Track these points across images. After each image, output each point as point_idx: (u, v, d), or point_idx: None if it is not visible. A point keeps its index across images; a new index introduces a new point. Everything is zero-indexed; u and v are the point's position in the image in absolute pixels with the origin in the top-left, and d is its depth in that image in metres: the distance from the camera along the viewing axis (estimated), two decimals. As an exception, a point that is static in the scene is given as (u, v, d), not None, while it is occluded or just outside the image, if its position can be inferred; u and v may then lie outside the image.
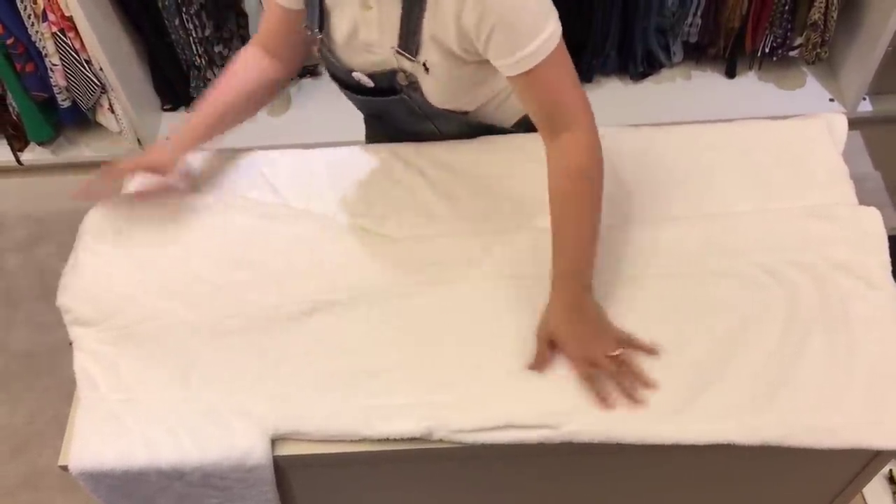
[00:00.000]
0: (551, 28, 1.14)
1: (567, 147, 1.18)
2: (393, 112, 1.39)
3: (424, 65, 1.24)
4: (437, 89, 1.29)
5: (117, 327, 1.24)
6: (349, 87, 1.37)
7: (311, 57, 1.56)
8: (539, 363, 1.17)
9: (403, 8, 1.19)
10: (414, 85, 1.29)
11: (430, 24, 1.19)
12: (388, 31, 1.23)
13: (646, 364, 1.16)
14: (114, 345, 1.22)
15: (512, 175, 1.38)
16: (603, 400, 1.13)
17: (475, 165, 1.40)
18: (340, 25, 1.28)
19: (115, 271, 1.30)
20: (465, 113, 1.37)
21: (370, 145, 1.47)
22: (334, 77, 1.38)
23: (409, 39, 1.21)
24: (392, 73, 1.29)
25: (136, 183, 1.39)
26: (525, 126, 1.43)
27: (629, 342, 1.18)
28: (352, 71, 1.33)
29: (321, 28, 1.29)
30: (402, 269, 1.27)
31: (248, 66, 1.40)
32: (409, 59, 1.24)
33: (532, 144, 1.42)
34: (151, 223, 1.34)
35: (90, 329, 1.24)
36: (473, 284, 1.26)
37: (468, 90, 1.32)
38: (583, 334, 1.17)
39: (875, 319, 1.19)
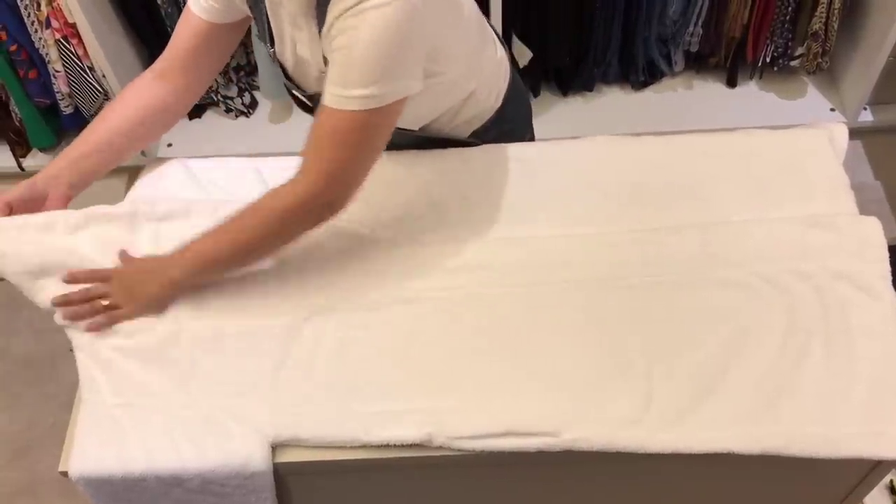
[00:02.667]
0: (378, 90, 1.08)
1: (287, 188, 1.16)
2: None
3: None
4: None
5: (117, 333, 1.24)
6: (296, 101, 1.35)
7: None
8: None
9: (320, 31, 1.14)
10: None
11: (326, 47, 1.14)
12: (316, 55, 1.21)
13: (646, 369, 1.16)
14: (114, 350, 1.22)
15: (512, 183, 1.38)
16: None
17: (474, 173, 1.40)
18: (284, 43, 1.26)
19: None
20: (414, 130, 1.35)
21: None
22: (286, 87, 1.35)
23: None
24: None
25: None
26: (484, 136, 1.43)
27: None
28: (301, 90, 1.31)
29: (272, 43, 1.28)
30: (401, 275, 1.27)
31: (141, 93, 1.35)
32: None
33: (531, 154, 1.43)
34: (150, 229, 1.34)
35: (93, 337, 1.24)
36: (473, 291, 1.26)
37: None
38: (125, 285, 1.23)
39: (875, 329, 1.19)
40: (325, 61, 1.17)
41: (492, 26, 1.45)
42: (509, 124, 1.47)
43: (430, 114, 1.34)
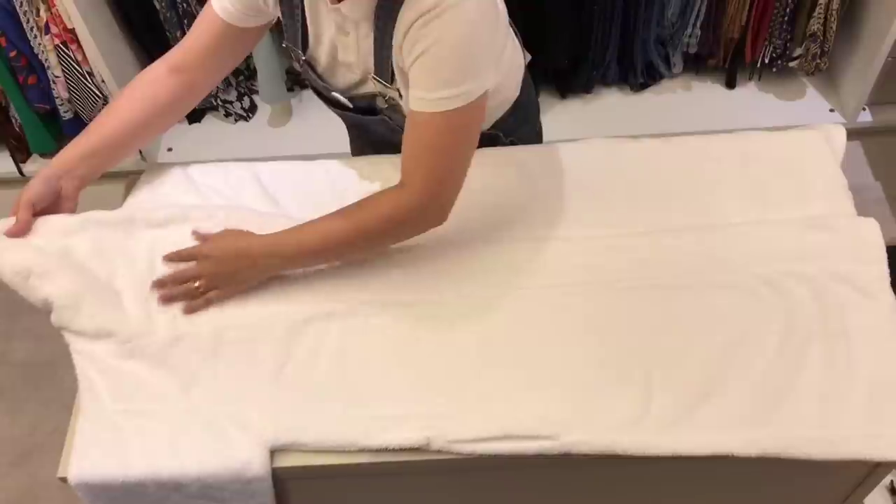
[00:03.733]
0: (465, 88, 1.10)
1: (387, 197, 1.19)
2: (373, 128, 1.39)
3: (399, 91, 1.24)
4: None
5: (116, 339, 1.24)
6: (330, 102, 1.36)
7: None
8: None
9: (375, 37, 1.17)
10: (394, 107, 1.29)
11: (397, 54, 1.17)
12: (365, 58, 1.23)
13: (645, 372, 1.16)
14: (113, 356, 1.22)
15: (510, 188, 1.39)
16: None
17: (472, 177, 1.40)
18: (322, 46, 1.27)
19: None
20: None
21: (370, 157, 1.47)
22: (315, 92, 1.38)
23: (383, 67, 1.21)
24: (372, 97, 1.29)
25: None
26: (503, 126, 1.45)
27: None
28: (332, 90, 1.32)
29: (305, 49, 1.29)
30: (401, 279, 1.27)
31: (154, 86, 1.32)
32: (386, 86, 1.24)
33: (531, 158, 1.43)
34: (149, 235, 1.34)
35: (92, 342, 1.24)
36: (471, 294, 1.26)
37: None
38: (222, 264, 1.22)
39: (874, 330, 1.19)
40: (377, 64, 1.19)
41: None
42: (524, 111, 1.49)
43: None
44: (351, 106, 1.33)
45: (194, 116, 2.62)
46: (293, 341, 1.22)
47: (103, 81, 2.30)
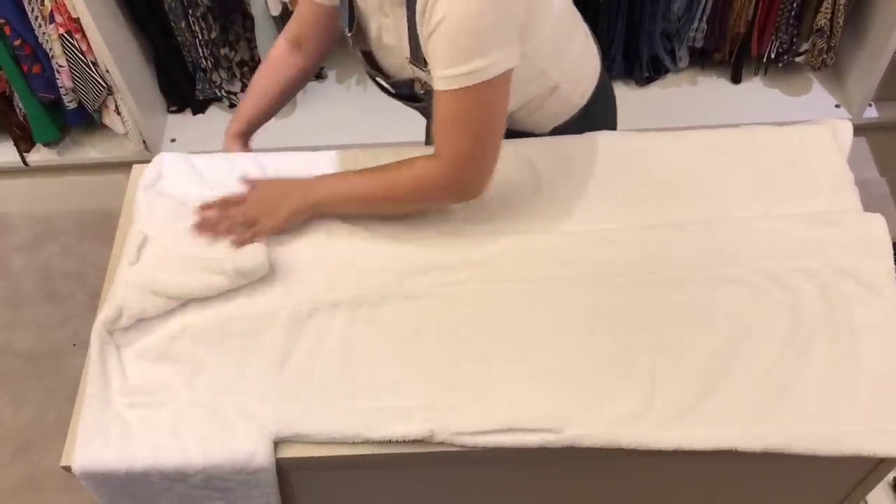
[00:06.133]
0: (482, 62, 1.09)
1: (419, 163, 1.23)
2: (422, 116, 1.42)
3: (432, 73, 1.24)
4: None
5: (124, 331, 1.24)
6: (378, 86, 1.39)
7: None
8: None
9: (409, 19, 1.18)
10: (431, 93, 1.29)
11: (421, 35, 1.17)
12: (402, 41, 1.24)
13: (649, 366, 1.16)
14: (120, 346, 1.22)
15: (515, 179, 1.38)
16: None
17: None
18: (369, 29, 1.30)
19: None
20: None
21: (373, 149, 1.46)
22: (368, 74, 1.41)
23: (418, 50, 1.21)
24: (410, 83, 1.30)
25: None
26: (562, 131, 1.44)
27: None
28: (377, 75, 1.35)
29: (351, 28, 1.31)
30: (406, 271, 1.27)
31: (282, 57, 1.49)
32: (422, 70, 1.24)
33: (537, 149, 1.42)
34: (156, 228, 1.34)
35: (102, 331, 1.24)
36: (476, 287, 1.26)
37: None
38: (265, 201, 1.30)
39: (880, 326, 1.19)
40: (411, 49, 1.20)
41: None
42: (593, 125, 1.47)
43: (512, 101, 1.32)
44: (393, 91, 1.35)
45: (198, 108, 2.62)
46: (297, 333, 1.22)
47: (107, 71, 2.30)
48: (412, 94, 1.33)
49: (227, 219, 1.30)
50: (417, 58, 1.22)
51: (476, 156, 1.19)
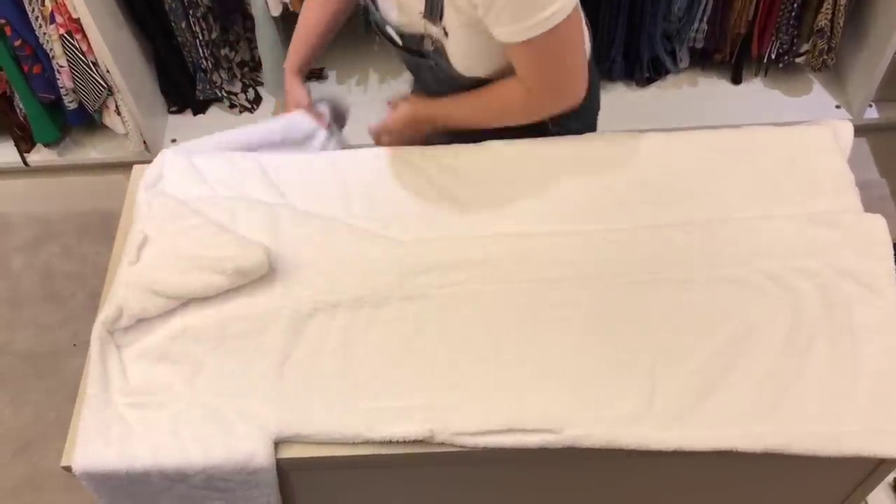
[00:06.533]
0: (559, 4, 1.15)
1: (520, 90, 1.31)
2: (422, 75, 1.45)
3: (444, 29, 1.27)
4: (460, 55, 1.32)
5: (125, 331, 1.24)
6: (386, 37, 1.42)
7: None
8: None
9: None
10: (440, 51, 1.32)
11: None
12: None
13: (649, 366, 1.16)
14: (121, 347, 1.22)
15: (516, 180, 1.38)
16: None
17: (480, 169, 1.40)
18: None
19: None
20: (490, 81, 1.41)
21: (375, 149, 1.47)
22: (375, 26, 1.44)
23: (433, 4, 1.24)
24: (420, 38, 1.33)
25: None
26: (567, 125, 1.47)
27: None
28: (387, 24, 1.37)
29: None
30: (406, 271, 1.27)
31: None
32: (434, 25, 1.27)
33: (538, 150, 1.42)
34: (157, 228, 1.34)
35: (103, 332, 1.24)
36: (476, 288, 1.26)
37: (490, 56, 1.33)
38: (406, 131, 1.47)
39: (880, 327, 1.19)
40: (427, 4, 1.25)
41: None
42: (588, 118, 1.58)
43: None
44: (400, 43, 1.38)
45: (199, 108, 2.62)
46: (298, 333, 1.22)
47: (108, 71, 2.30)
48: (419, 49, 1.35)
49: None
50: (432, 13, 1.25)
51: (564, 83, 1.30)
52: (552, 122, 1.46)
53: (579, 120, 1.50)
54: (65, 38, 2.23)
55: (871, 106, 2.47)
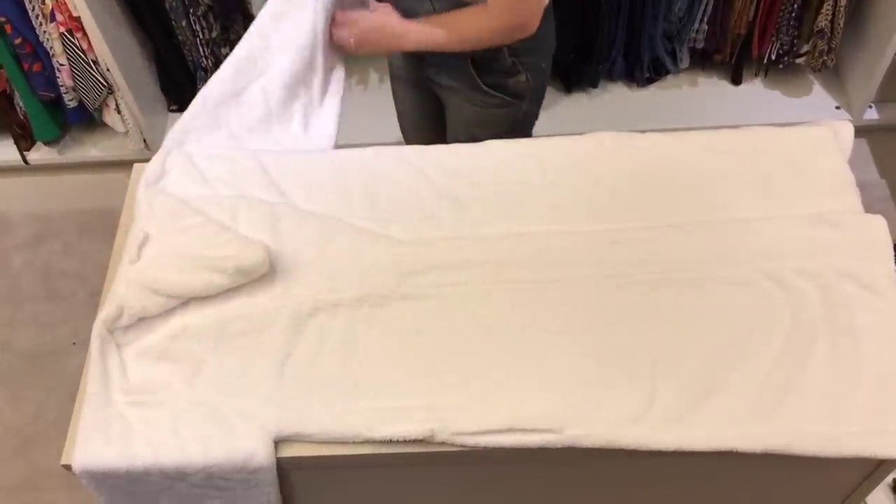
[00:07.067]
0: None
1: (482, 13, 1.47)
2: (405, 4, 1.52)
3: None
4: None
5: (125, 330, 1.24)
6: None
7: None
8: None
9: None
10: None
11: None
12: None
13: (649, 366, 1.16)
14: (122, 345, 1.22)
15: (515, 179, 1.38)
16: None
17: (480, 169, 1.40)
18: None
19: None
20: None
21: (375, 147, 1.47)
22: None
23: None
24: None
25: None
26: (483, 69, 1.61)
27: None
28: None
29: None
30: (406, 271, 1.27)
31: None
32: None
33: (538, 150, 1.42)
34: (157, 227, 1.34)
35: (102, 330, 1.24)
36: (476, 288, 1.26)
37: None
38: (371, 33, 1.56)
39: (880, 327, 1.19)
40: None
41: None
42: (545, 54, 1.69)
43: None
44: None
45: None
46: (298, 332, 1.22)
47: (108, 70, 2.30)
48: None
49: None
50: None
51: (524, 8, 1.46)
52: (510, 52, 1.59)
53: (535, 54, 1.64)
54: (65, 36, 2.23)
55: (871, 107, 2.48)
